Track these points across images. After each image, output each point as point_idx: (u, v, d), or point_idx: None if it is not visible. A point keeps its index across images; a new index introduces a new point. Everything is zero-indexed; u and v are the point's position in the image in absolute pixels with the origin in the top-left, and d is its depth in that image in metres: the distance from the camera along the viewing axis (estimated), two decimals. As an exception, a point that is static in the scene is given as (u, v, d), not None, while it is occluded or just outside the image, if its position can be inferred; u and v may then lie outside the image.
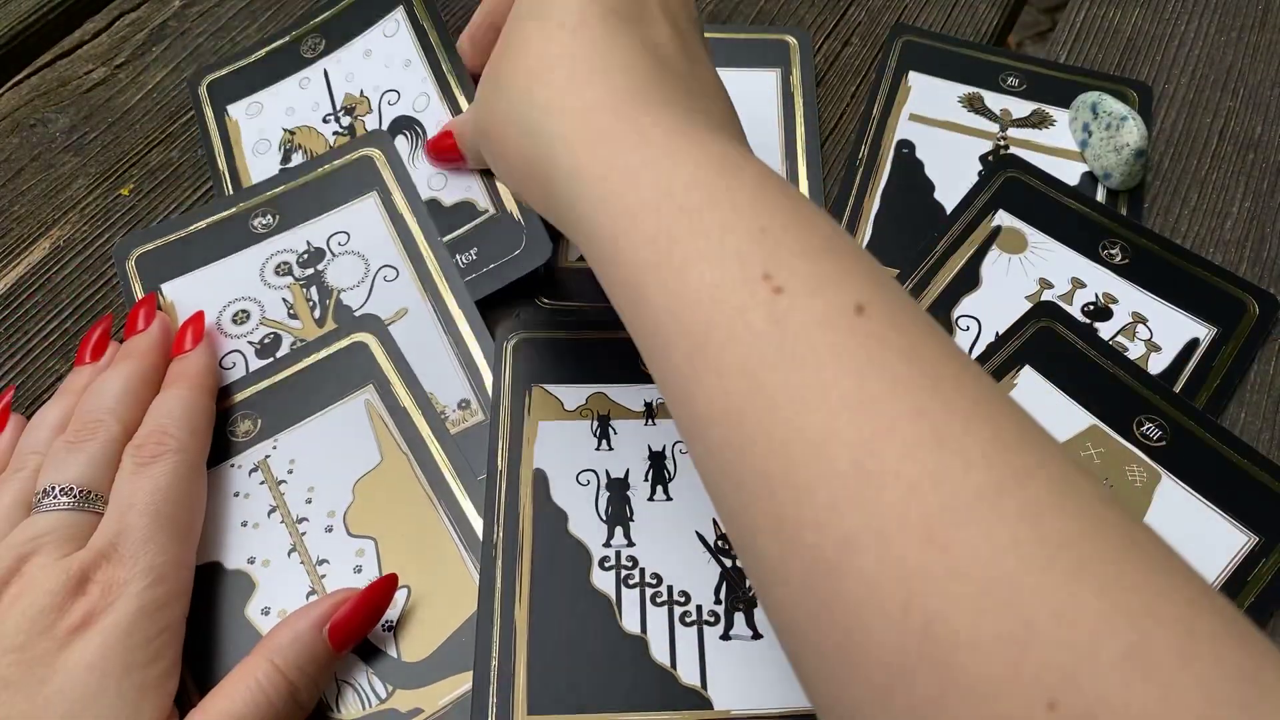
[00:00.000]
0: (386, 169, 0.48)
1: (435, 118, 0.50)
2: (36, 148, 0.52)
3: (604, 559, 0.38)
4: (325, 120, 0.51)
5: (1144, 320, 0.45)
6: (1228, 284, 0.46)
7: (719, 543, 0.38)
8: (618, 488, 0.40)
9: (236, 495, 0.40)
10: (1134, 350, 0.44)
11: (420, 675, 0.36)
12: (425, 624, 0.37)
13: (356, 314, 0.45)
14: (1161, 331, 0.45)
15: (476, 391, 0.43)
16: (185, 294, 0.45)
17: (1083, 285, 0.46)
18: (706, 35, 0.56)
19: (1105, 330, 0.45)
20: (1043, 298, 0.45)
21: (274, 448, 0.41)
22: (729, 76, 0.53)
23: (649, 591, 0.38)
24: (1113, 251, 0.46)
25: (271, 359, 0.43)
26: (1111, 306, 0.45)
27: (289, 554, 0.38)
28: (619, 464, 0.40)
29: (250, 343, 0.44)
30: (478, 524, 0.39)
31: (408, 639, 0.37)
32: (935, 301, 0.46)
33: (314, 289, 0.46)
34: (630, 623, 0.37)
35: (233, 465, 0.40)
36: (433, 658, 0.36)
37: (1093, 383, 0.42)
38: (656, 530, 0.39)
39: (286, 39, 0.54)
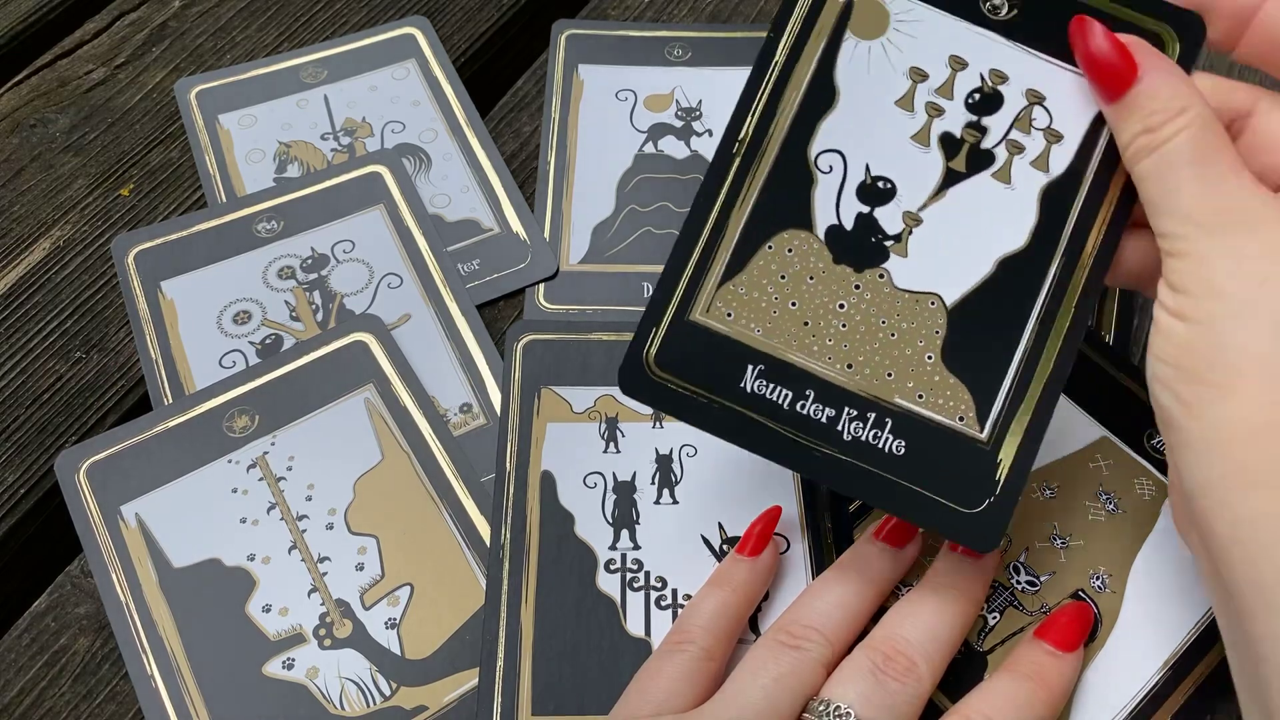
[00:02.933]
0: (394, 185, 0.49)
1: (443, 150, 0.51)
2: (36, 148, 0.52)
3: (609, 562, 0.38)
4: (323, 138, 0.51)
5: (1040, 100, 0.34)
6: (1132, 12, 0.33)
7: (724, 546, 0.38)
8: (624, 491, 0.40)
9: (234, 491, 0.39)
10: (1031, 146, 0.34)
11: (424, 672, 0.36)
12: (428, 622, 0.37)
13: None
14: (1061, 109, 0.34)
15: (478, 395, 0.43)
16: (185, 293, 0.45)
17: (963, 65, 0.34)
18: (704, 34, 0.56)
19: (996, 127, 0.34)
20: (916, 97, 0.34)
21: (272, 444, 0.41)
22: (725, 76, 0.54)
23: (654, 595, 0.37)
24: (998, 3, 0.35)
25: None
26: (1000, 89, 0.34)
27: (289, 551, 0.38)
28: (626, 467, 0.40)
29: (251, 343, 0.44)
30: (480, 523, 0.39)
31: (411, 636, 0.37)
32: (787, 138, 0.34)
33: (317, 293, 0.46)
34: (634, 625, 0.37)
35: (230, 460, 0.40)
36: (436, 655, 0.36)
37: (1103, 392, 0.41)
38: (662, 534, 0.39)
39: (285, 65, 0.54)
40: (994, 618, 0.36)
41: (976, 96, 0.34)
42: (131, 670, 0.36)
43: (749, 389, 0.32)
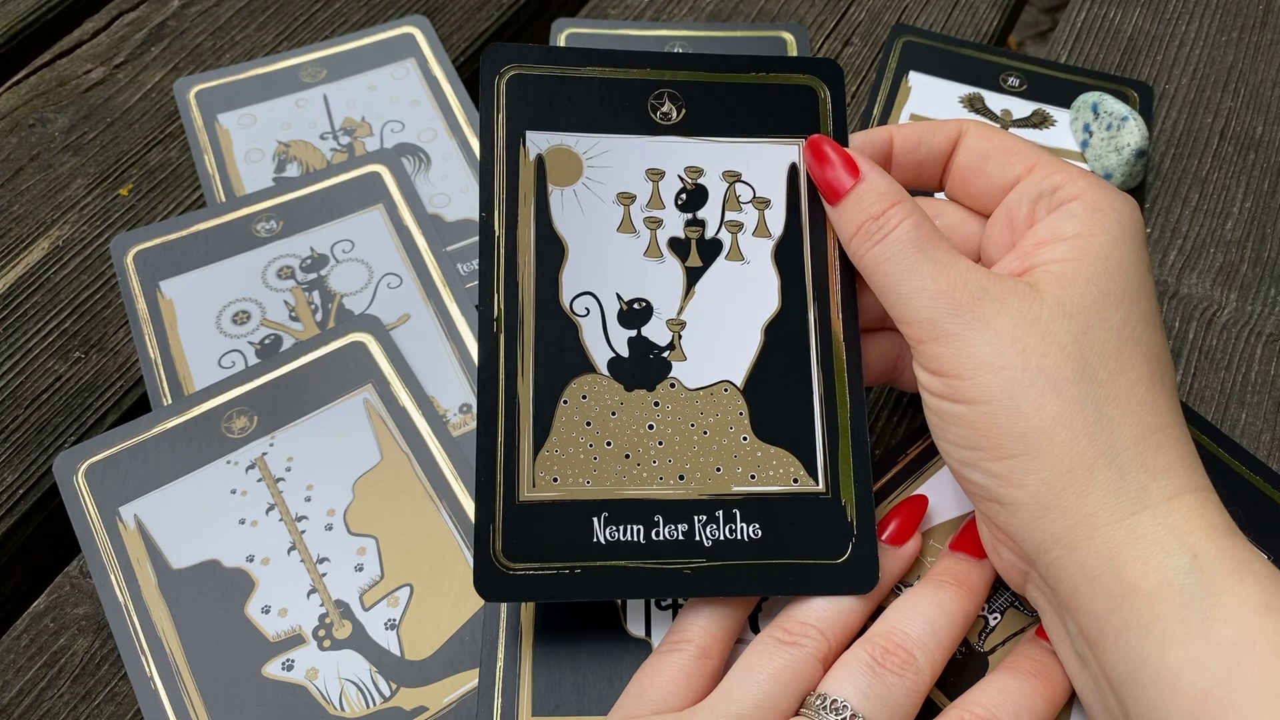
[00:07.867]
0: (394, 185, 0.49)
1: (442, 150, 0.51)
2: (35, 147, 0.52)
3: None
4: (323, 137, 0.51)
5: (738, 177, 0.36)
6: (781, 74, 0.37)
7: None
8: None
9: (234, 492, 0.39)
10: (747, 220, 0.36)
11: (424, 673, 0.36)
12: (428, 622, 0.37)
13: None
14: (758, 177, 0.36)
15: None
16: (184, 293, 0.45)
17: (661, 174, 0.36)
18: (704, 34, 0.56)
19: (711, 216, 0.36)
20: (633, 218, 0.36)
21: (271, 444, 0.41)
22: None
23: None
24: (665, 109, 0.37)
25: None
26: (700, 182, 0.36)
27: (289, 552, 0.38)
28: None
29: (250, 343, 0.44)
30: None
31: (411, 637, 0.37)
32: (537, 299, 0.35)
33: (316, 293, 0.46)
34: (635, 626, 0.37)
35: (229, 461, 0.40)
36: (436, 656, 0.36)
37: None
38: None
39: (284, 65, 0.54)
40: (995, 618, 0.36)
41: (684, 197, 0.36)
42: (130, 671, 0.36)
43: (602, 540, 0.33)
